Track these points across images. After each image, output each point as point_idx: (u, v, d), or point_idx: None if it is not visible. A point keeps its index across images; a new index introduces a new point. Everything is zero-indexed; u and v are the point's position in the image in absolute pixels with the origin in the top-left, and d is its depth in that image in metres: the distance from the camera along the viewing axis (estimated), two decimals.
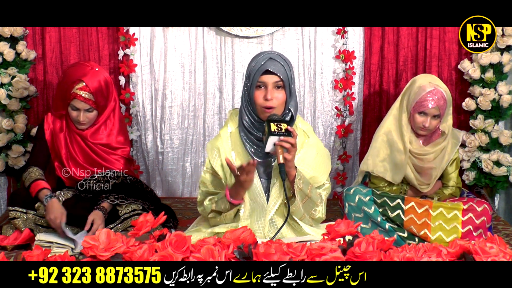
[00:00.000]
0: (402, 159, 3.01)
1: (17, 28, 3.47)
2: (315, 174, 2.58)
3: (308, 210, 2.54)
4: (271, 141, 2.40)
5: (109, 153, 3.06)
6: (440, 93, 2.94)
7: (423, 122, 2.97)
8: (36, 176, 2.93)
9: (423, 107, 2.94)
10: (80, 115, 2.95)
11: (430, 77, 3.06)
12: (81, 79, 2.91)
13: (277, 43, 3.69)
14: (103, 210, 2.88)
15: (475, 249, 2.03)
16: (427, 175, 3.06)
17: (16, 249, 2.82)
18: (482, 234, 2.93)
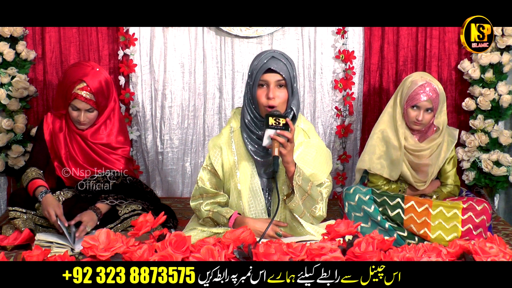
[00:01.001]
0: (397, 155, 3.03)
1: (17, 28, 3.47)
2: (314, 172, 2.58)
3: (308, 208, 2.55)
4: (267, 134, 2.41)
5: (109, 153, 3.06)
6: (432, 86, 2.97)
7: (416, 116, 2.98)
8: (33, 176, 2.93)
9: (415, 100, 2.96)
10: (80, 115, 2.95)
11: (422, 73, 3.10)
12: (82, 79, 2.91)
13: (277, 43, 3.69)
14: (96, 210, 2.87)
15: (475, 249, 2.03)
16: (423, 172, 3.07)
17: (16, 249, 2.82)
18: (482, 233, 2.93)
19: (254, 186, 2.60)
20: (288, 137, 2.40)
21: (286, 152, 2.41)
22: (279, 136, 2.39)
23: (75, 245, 2.68)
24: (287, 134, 2.40)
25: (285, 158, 2.43)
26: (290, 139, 2.41)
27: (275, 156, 2.40)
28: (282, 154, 2.41)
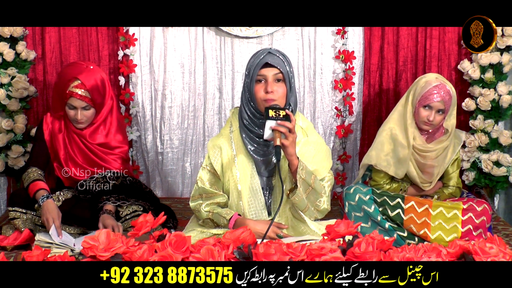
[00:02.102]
0: (405, 154, 3.03)
1: (16, 28, 3.47)
2: (316, 168, 2.59)
3: (312, 202, 2.55)
4: (268, 125, 2.40)
5: (107, 153, 3.05)
6: (446, 88, 2.97)
7: (427, 116, 2.98)
8: (35, 177, 2.93)
9: (428, 100, 2.96)
10: (77, 113, 2.94)
11: (437, 75, 3.11)
12: (77, 77, 2.91)
13: (276, 43, 3.69)
14: (111, 213, 2.88)
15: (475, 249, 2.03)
16: (428, 173, 3.07)
17: (16, 249, 2.82)
18: (482, 234, 2.93)
19: (253, 185, 2.60)
20: (290, 127, 2.39)
21: (289, 143, 2.40)
22: (281, 127, 2.39)
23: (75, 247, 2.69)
24: (288, 124, 2.39)
25: (288, 150, 2.42)
26: (292, 129, 2.40)
27: (277, 146, 2.39)
28: (285, 146, 2.40)
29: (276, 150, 2.39)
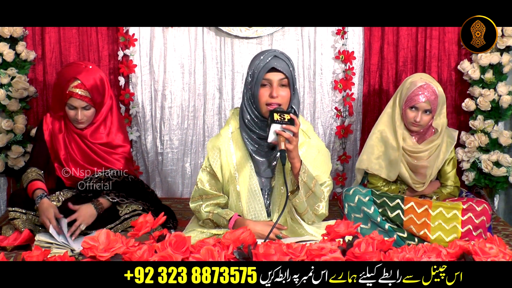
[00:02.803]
0: (396, 156, 3.03)
1: (16, 29, 3.47)
2: (316, 173, 2.58)
3: (311, 206, 2.55)
4: (272, 129, 2.40)
5: (109, 152, 3.06)
6: (431, 88, 2.97)
7: (414, 117, 2.99)
8: (33, 177, 2.93)
9: (414, 101, 2.97)
10: (78, 113, 2.95)
11: (422, 75, 3.11)
12: (76, 77, 2.91)
13: (276, 44, 3.69)
14: (96, 204, 2.87)
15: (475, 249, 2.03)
16: (421, 174, 3.07)
17: (16, 250, 2.82)
18: (481, 234, 2.93)
19: (252, 186, 2.60)
20: (294, 131, 2.40)
21: (293, 147, 2.41)
22: (285, 131, 2.39)
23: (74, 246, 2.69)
24: (293, 128, 2.39)
25: (291, 153, 2.43)
26: (296, 133, 2.41)
27: (282, 150, 2.39)
28: (288, 150, 2.41)
29: (282, 155, 2.39)
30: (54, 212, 2.78)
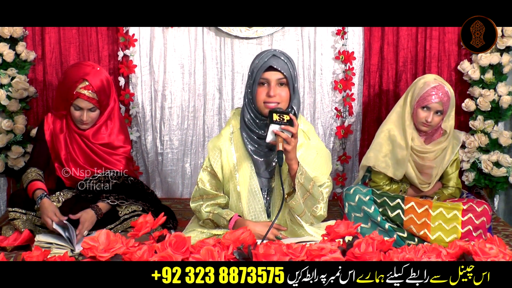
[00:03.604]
0: (403, 155, 3.03)
1: (16, 29, 3.47)
2: (315, 174, 2.58)
3: (309, 207, 2.54)
4: (270, 129, 2.40)
5: (110, 153, 3.05)
6: (445, 90, 2.97)
7: (426, 117, 2.98)
8: (33, 177, 2.93)
9: (426, 101, 2.96)
10: (83, 114, 2.95)
11: (435, 76, 3.10)
12: (85, 78, 2.91)
13: (276, 44, 3.69)
14: (96, 209, 2.87)
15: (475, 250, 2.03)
16: (426, 174, 3.07)
17: (16, 250, 2.82)
18: (481, 235, 2.93)
19: (253, 186, 2.60)
20: (293, 132, 2.40)
21: (291, 148, 2.41)
22: (284, 132, 2.39)
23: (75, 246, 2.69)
24: (292, 129, 2.39)
25: (289, 155, 2.43)
26: (294, 134, 2.41)
27: (279, 151, 2.39)
28: (286, 150, 2.41)
29: (279, 155, 2.40)
30: (54, 211, 2.78)
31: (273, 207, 2.63)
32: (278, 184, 2.60)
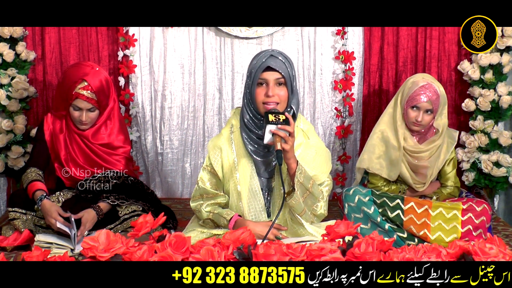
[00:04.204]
0: (397, 156, 3.03)
1: (16, 29, 3.47)
2: (315, 173, 2.58)
3: (309, 206, 2.54)
4: (268, 129, 2.40)
5: (110, 153, 3.06)
6: (433, 88, 2.98)
7: (416, 117, 2.99)
8: (33, 177, 2.93)
9: (415, 101, 2.97)
10: (82, 115, 2.95)
11: (424, 75, 3.12)
12: (83, 78, 2.91)
13: (276, 44, 3.69)
14: (97, 209, 2.87)
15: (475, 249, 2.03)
16: (421, 174, 3.08)
17: (16, 250, 2.82)
18: (481, 234, 2.93)
19: (253, 186, 2.60)
20: (290, 131, 2.40)
21: (289, 148, 2.41)
22: (281, 131, 2.39)
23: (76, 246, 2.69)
24: (288, 128, 2.40)
25: (287, 154, 2.43)
26: (292, 133, 2.41)
27: (278, 150, 2.40)
28: (285, 150, 2.41)
29: (278, 155, 2.40)
30: (57, 211, 2.78)
31: (273, 207, 2.64)
32: (278, 184, 2.60)
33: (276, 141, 2.40)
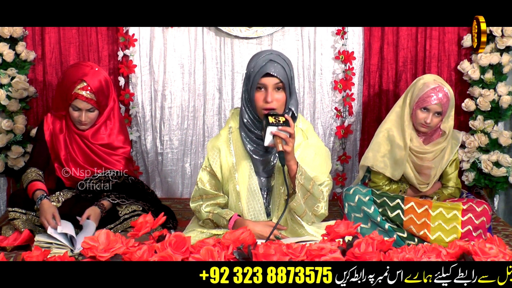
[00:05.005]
0: (402, 155, 3.03)
1: (16, 29, 3.47)
2: (315, 173, 2.58)
3: (310, 207, 2.54)
4: (269, 131, 2.40)
5: (110, 154, 3.06)
6: (444, 91, 2.96)
7: (424, 119, 2.98)
8: (33, 177, 2.93)
9: (426, 103, 2.96)
10: (82, 115, 2.95)
11: (435, 76, 3.09)
12: (83, 79, 2.91)
13: (276, 44, 3.69)
14: (101, 207, 2.88)
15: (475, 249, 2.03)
16: (425, 174, 3.07)
17: (16, 250, 2.82)
18: (481, 235, 2.93)
19: (252, 186, 2.60)
20: (290, 132, 2.40)
21: (290, 149, 2.41)
22: (281, 132, 2.39)
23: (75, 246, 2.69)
24: (289, 129, 2.40)
25: (287, 156, 2.43)
26: (292, 134, 2.41)
27: (280, 151, 2.40)
28: (286, 152, 2.42)
29: (280, 156, 2.40)
30: (53, 214, 2.78)
31: (272, 206, 2.64)
32: (278, 183, 2.60)
33: (277, 143, 2.40)
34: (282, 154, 2.40)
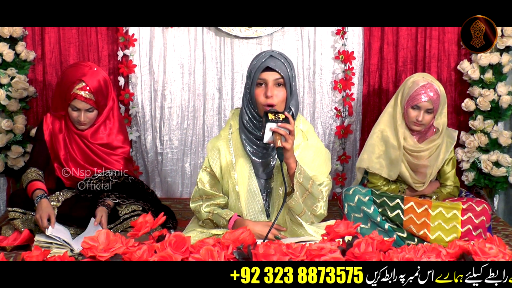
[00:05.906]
0: (396, 155, 3.04)
1: (16, 29, 3.47)
2: (314, 173, 2.58)
3: (309, 206, 2.54)
4: (268, 128, 2.40)
5: (109, 153, 3.06)
6: (434, 87, 2.98)
7: (416, 116, 2.99)
8: (33, 177, 2.93)
9: (416, 100, 2.97)
10: (81, 115, 2.95)
11: (424, 74, 3.12)
12: (81, 79, 2.92)
13: (276, 44, 3.69)
14: (108, 208, 2.89)
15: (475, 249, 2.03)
16: (421, 173, 3.08)
17: (16, 250, 2.82)
18: (481, 234, 2.93)
19: (251, 187, 2.60)
20: (290, 129, 2.39)
21: (289, 146, 2.41)
22: (281, 129, 2.39)
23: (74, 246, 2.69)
24: (289, 126, 2.39)
25: (287, 154, 2.43)
26: (292, 131, 2.41)
27: (278, 147, 2.39)
28: (285, 148, 2.41)
29: (279, 151, 2.39)
30: (49, 215, 2.78)
31: (272, 208, 2.64)
32: (277, 185, 2.60)
33: (276, 139, 2.40)
34: (281, 150, 2.40)
